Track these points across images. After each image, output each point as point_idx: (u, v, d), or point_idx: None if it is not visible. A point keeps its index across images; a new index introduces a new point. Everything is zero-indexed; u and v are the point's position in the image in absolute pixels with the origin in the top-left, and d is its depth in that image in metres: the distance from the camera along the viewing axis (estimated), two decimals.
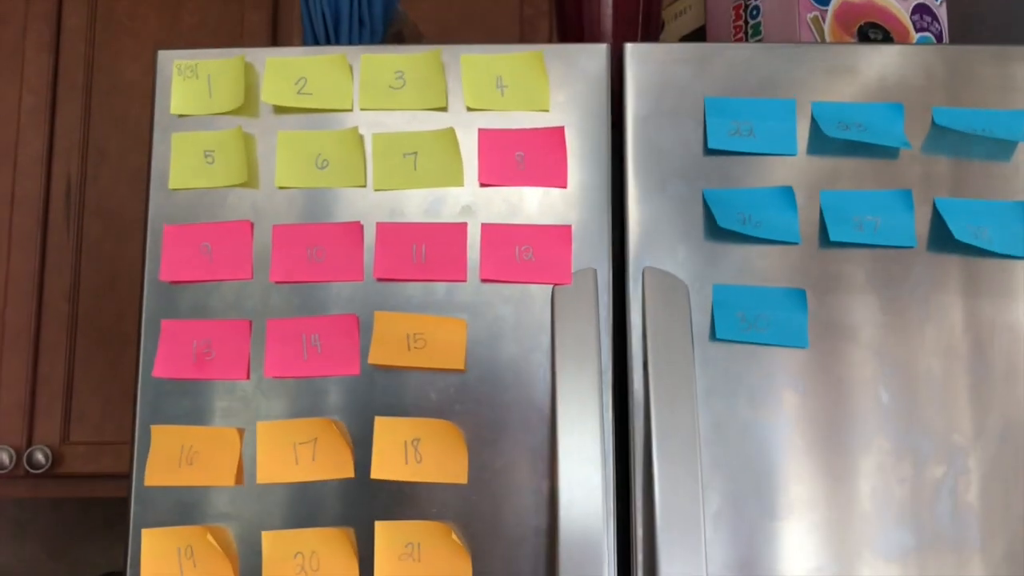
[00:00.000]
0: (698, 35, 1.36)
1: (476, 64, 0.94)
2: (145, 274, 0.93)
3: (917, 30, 1.23)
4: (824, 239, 0.92)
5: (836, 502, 0.89)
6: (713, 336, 0.91)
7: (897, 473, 0.89)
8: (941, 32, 1.25)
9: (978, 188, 0.94)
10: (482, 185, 0.93)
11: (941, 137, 0.94)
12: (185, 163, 0.94)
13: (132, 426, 0.91)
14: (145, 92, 1.63)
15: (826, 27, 1.17)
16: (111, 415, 1.57)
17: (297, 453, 0.89)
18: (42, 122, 1.62)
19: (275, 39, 1.68)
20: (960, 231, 0.91)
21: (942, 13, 1.26)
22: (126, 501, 0.91)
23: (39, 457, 1.50)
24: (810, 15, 1.16)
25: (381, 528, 0.88)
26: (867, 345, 0.91)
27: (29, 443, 1.52)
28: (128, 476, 0.91)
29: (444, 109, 0.94)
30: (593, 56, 0.95)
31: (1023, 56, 0.97)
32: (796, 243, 0.92)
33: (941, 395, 0.90)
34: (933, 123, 0.94)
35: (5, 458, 1.49)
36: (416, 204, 0.93)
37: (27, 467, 1.50)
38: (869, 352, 0.91)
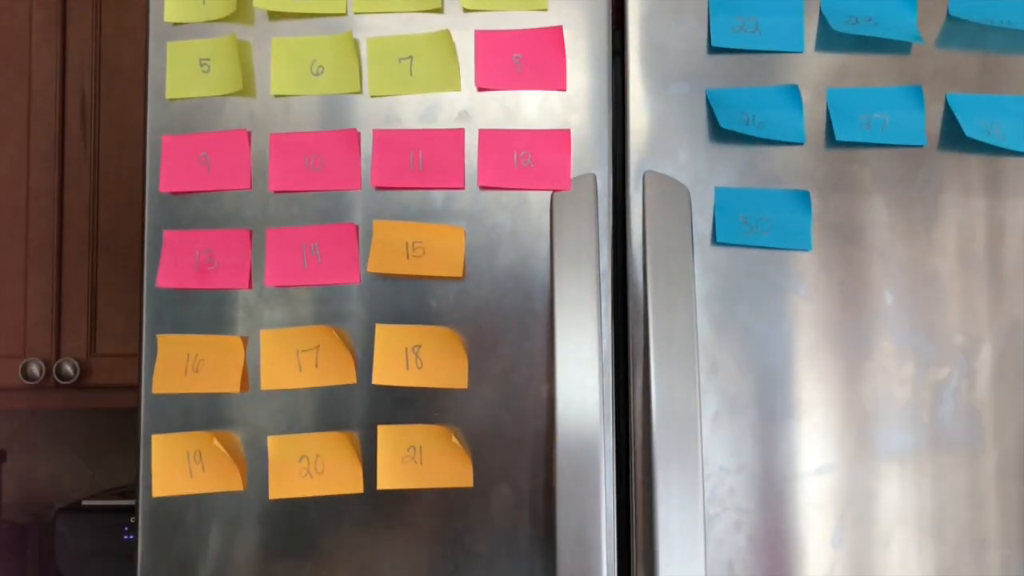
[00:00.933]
0: None
1: None
2: (146, 186, 0.94)
3: None
4: (830, 139, 0.90)
5: (836, 404, 0.89)
6: (714, 240, 0.90)
7: (899, 375, 0.89)
8: None
9: (994, 83, 0.90)
10: (479, 89, 0.91)
11: (955, 29, 0.90)
12: (181, 72, 0.93)
13: (139, 336, 0.93)
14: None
15: None
16: (134, 329, 1.60)
17: (300, 360, 0.90)
18: (54, 37, 1.61)
19: None
20: (971, 127, 0.88)
21: None
22: (136, 409, 0.93)
23: (67, 369, 1.54)
24: None
25: (383, 432, 0.89)
26: (872, 247, 0.90)
27: (57, 355, 1.56)
28: (137, 385, 0.94)
29: (440, 11, 0.92)
30: None
31: None
32: (801, 143, 0.90)
33: (947, 297, 0.89)
34: (948, 14, 0.90)
35: (36, 370, 1.54)
36: (412, 110, 0.92)
37: (56, 379, 1.54)
38: (874, 254, 0.90)
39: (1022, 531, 0.87)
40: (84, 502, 1.64)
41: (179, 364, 0.91)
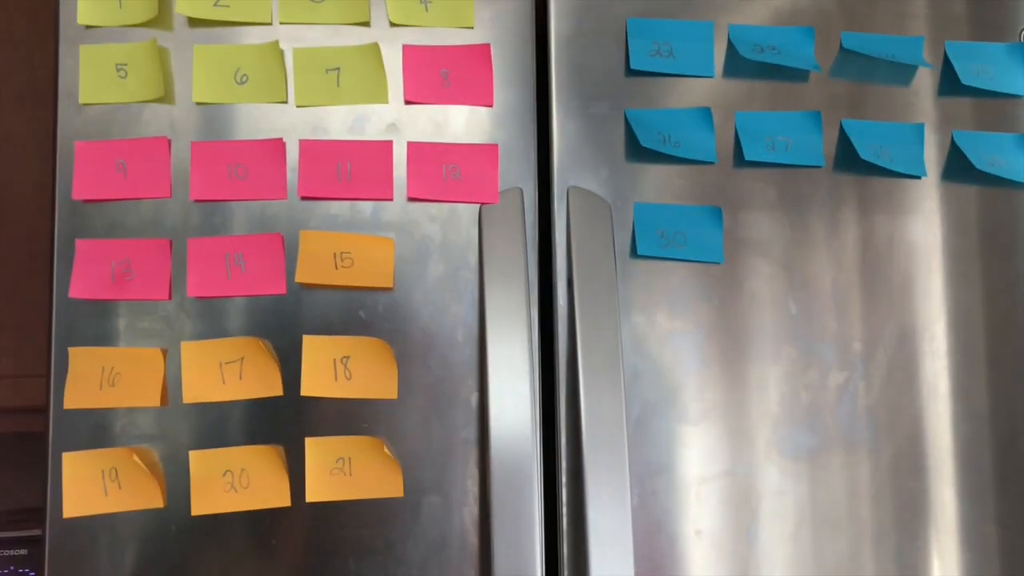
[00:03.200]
0: None
1: None
2: (56, 192, 0.90)
3: None
4: (739, 158, 0.96)
5: (746, 408, 0.94)
6: (634, 253, 0.94)
7: (803, 380, 0.95)
8: None
9: (881, 111, 0.99)
10: (407, 103, 0.93)
11: (848, 61, 0.98)
12: (96, 77, 0.90)
13: (48, 350, 0.89)
14: (32, 8, 1.54)
15: None
16: (4, 348, 1.51)
17: (223, 372, 0.88)
18: None
19: None
20: (865, 151, 0.96)
21: None
22: (42, 430, 0.89)
23: None
24: None
25: (311, 444, 0.88)
26: (777, 260, 0.96)
27: None
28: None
29: (367, 24, 0.93)
30: None
31: None
32: (713, 162, 0.96)
33: (843, 307, 0.96)
34: (841, 47, 0.98)
35: None
36: (340, 121, 0.92)
37: None
38: (779, 267, 0.96)
39: (914, 521, 0.94)
40: None
41: (93, 378, 0.87)
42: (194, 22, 0.91)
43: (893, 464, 0.95)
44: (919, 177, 0.98)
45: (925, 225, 0.98)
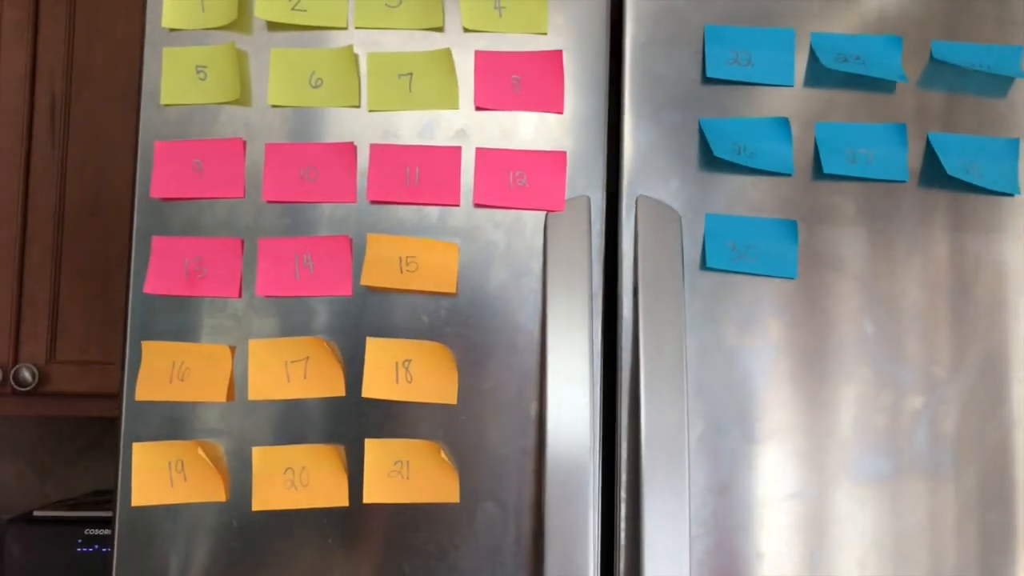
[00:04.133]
0: None
1: None
2: (136, 190, 0.93)
3: None
4: (817, 171, 0.93)
5: (816, 429, 0.91)
6: (704, 265, 0.92)
7: (877, 402, 0.91)
8: None
9: (972, 124, 0.94)
10: (477, 108, 0.92)
11: (938, 71, 0.94)
12: (177, 79, 0.93)
13: (123, 342, 0.92)
14: (131, 7, 1.60)
15: None
16: (96, 335, 1.58)
17: (289, 371, 0.90)
18: (25, 37, 1.58)
19: None
20: (952, 166, 0.91)
21: None
22: (116, 416, 0.92)
23: (26, 375, 1.50)
24: None
25: (371, 445, 0.89)
26: (854, 277, 0.92)
27: (15, 361, 1.52)
28: (119, 392, 0.92)
29: (440, 29, 0.93)
30: None
31: None
32: (790, 174, 0.93)
33: (924, 328, 0.92)
34: (931, 57, 0.94)
35: None
36: (410, 126, 0.93)
37: (14, 385, 1.50)
38: (856, 284, 0.92)
39: (991, 558, 0.89)
40: (35, 513, 1.59)
41: (164, 372, 0.90)
42: (272, 26, 0.93)
43: (974, 495, 0.90)
44: (1012, 194, 0.93)
45: (1016, 244, 0.93)
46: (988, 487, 0.90)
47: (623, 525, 0.89)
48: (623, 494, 0.89)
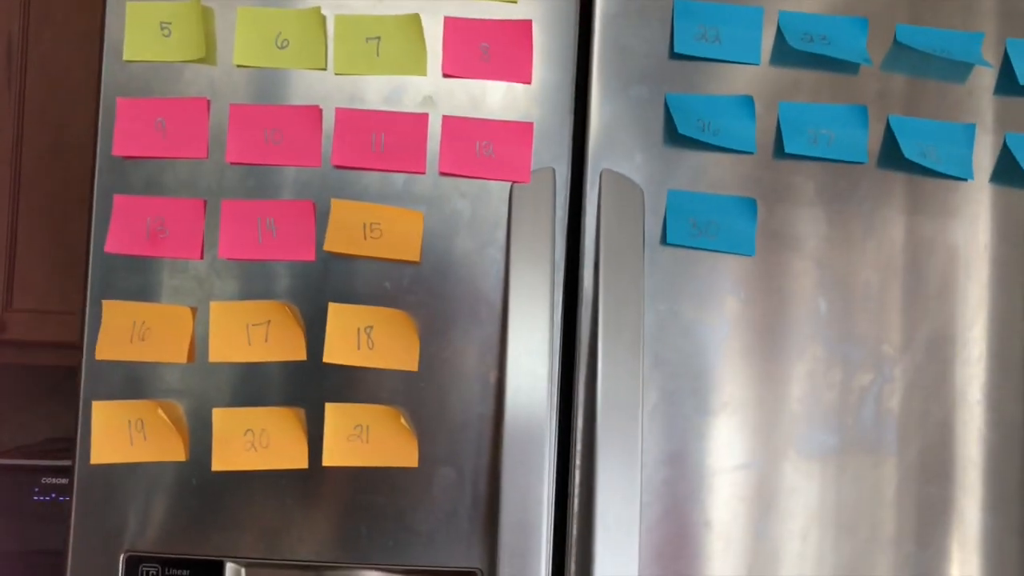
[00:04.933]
0: None
1: None
2: (97, 147, 0.92)
3: None
4: (779, 150, 0.94)
5: (767, 403, 0.93)
6: (664, 240, 0.93)
7: (827, 379, 0.94)
8: None
9: (931, 108, 0.96)
10: (445, 76, 0.92)
11: (901, 55, 0.95)
12: (140, 34, 0.91)
13: (83, 301, 0.91)
14: None
15: None
16: (54, 283, 1.56)
17: (250, 334, 0.90)
18: None
19: None
20: (910, 149, 0.93)
21: None
22: (76, 374, 0.92)
23: None
24: None
25: (331, 409, 0.90)
26: (810, 256, 0.94)
27: None
28: (79, 349, 0.92)
29: None
30: None
31: None
32: (752, 152, 0.94)
33: (876, 307, 0.94)
34: (895, 40, 0.95)
35: None
36: (376, 91, 0.92)
37: None
38: (812, 263, 0.94)
39: (928, 530, 0.93)
40: None
41: (124, 331, 0.90)
42: None
43: (915, 470, 0.94)
44: (966, 179, 0.95)
45: (969, 229, 0.95)
46: (928, 462, 0.94)
47: (576, 491, 0.91)
48: (578, 461, 0.91)
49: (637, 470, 0.88)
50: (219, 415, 0.90)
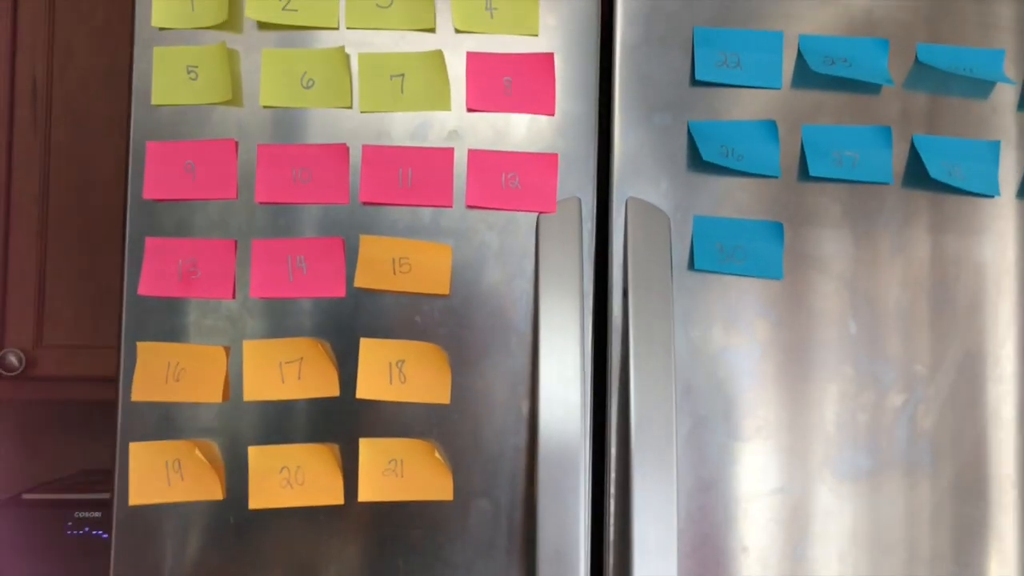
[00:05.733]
0: None
1: None
2: (128, 191, 0.93)
3: None
4: (803, 173, 0.94)
5: (800, 426, 0.93)
6: (692, 266, 0.93)
7: (859, 400, 0.94)
8: None
9: (955, 127, 0.96)
10: (469, 110, 0.93)
11: (922, 74, 0.95)
12: (168, 78, 0.92)
13: (118, 343, 0.92)
14: None
15: None
16: (84, 319, 1.58)
17: (283, 372, 0.91)
18: (4, 15, 1.56)
19: None
20: (935, 169, 0.93)
21: None
22: (109, 409, 0.93)
23: (12, 360, 1.51)
24: None
25: (365, 445, 0.91)
26: (838, 277, 0.94)
27: (1, 346, 1.53)
28: (111, 383, 0.93)
29: (432, 30, 0.93)
30: None
31: None
32: (777, 176, 0.94)
33: (906, 327, 0.94)
34: (916, 60, 0.95)
35: None
36: (402, 127, 0.93)
37: (1, 370, 1.50)
38: (840, 284, 0.94)
39: (968, 549, 0.93)
40: (24, 495, 1.60)
41: (160, 372, 0.91)
42: (263, 26, 0.93)
43: (951, 489, 0.93)
44: (992, 196, 0.95)
45: (996, 246, 0.95)
46: (964, 482, 0.94)
47: (612, 519, 0.91)
48: (612, 489, 0.91)
49: (673, 497, 0.88)
50: (254, 453, 0.90)
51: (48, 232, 1.57)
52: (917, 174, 0.95)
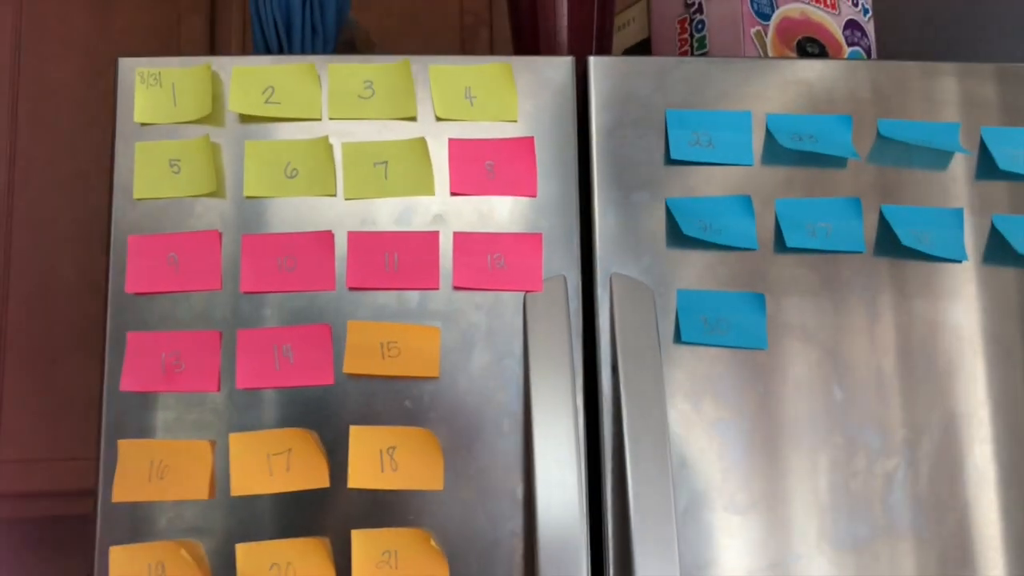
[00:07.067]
0: (642, 47, 1.41)
1: (445, 75, 0.95)
2: (110, 285, 0.91)
3: (849, 44, 1.30)
4: (780, 244, 0.97)
5: (796, 496, 0.93)
6: (678, 339, 0.94)
7: (851, 467, 0.94)
8: (870, 47, 1.32)
9: (919, 196, 1.00)
10: (453, 194, 0.94)
11: (885, 147, 1.00)
12: (150, 172, 0.92)
13: (97, 441, 0.89)
14: (75, 98, 1.59)
15: (768, 41, 1.22)
16: (41, 431, 1.52)
17: (271, 464, 0.89)
18: None
19: (213, 44, 1.66)
20: (906, 236, 0.96)
21: (870, 29, 1.33)
22: (91, 519, 0.89)
23: None
24: (753, 30, 1.21)
25: (358, 537, 0.88)
26: (821, 345, 0.96)
27: None
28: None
29: (414, 119, 0.95)
30: (559, 68, 0.98)
31: (949, 71, 1.03)
32: (754, 249, 0.96)
33: (889, 392, 0.96)
34: (878, 134, 0.99)
35: None
36: (387, 213, 0.94)
37: None
38: (823, 352, 0.96)
39: None
40: None
41: (142, 471, 0.88)
42: (245, 118, 0.94)
43: (942, 554, 0.93)
44: (960, 261, 0.98)
45: (966, 309, 0.98)
46: (955, 545, 0.94)
47: None
48: (612, 571, 0.89)
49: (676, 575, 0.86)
50: (243, 551, 0.87)
51: (7, 342, 1.53)
52: (887, 243, 0.98)
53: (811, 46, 1.26)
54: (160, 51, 1.62)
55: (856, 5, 1.33)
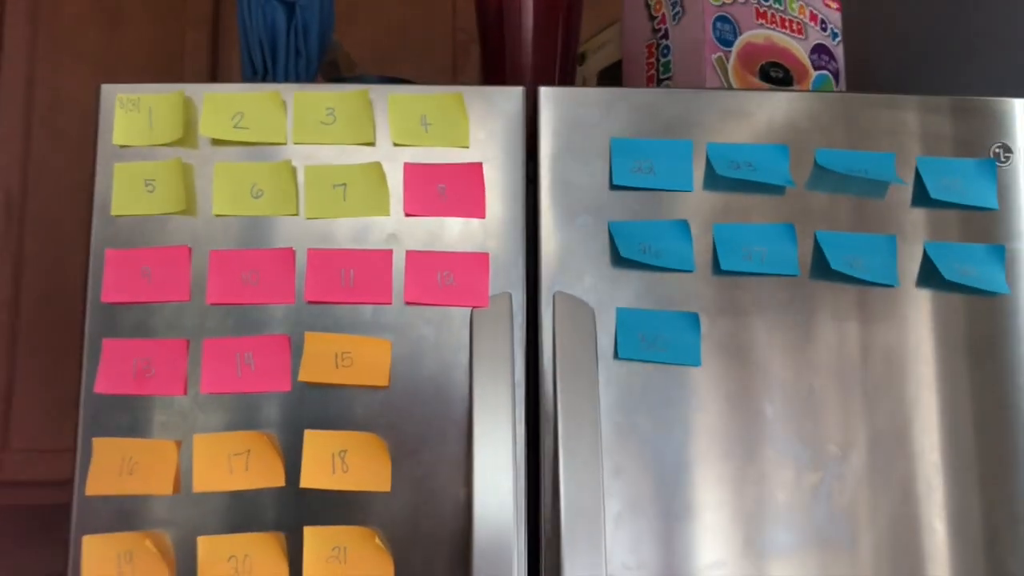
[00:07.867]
0: (617, 68, 1.46)
1: (402, 103, 1.02)
2: (88, 295, 0.99)
3: (815, 68, 1.34)
4: (716, 267, 1.02)
5: (726, 505, 0.98)
6: (616, 355, 1.00)
7: (779, 479, 0.99)
8: (838, 71, 1.36)
9: (854, 223, 1.04)
10: (407, 215, 1.01)
11: (822, 176, 1.04)
12: (127, 191, 1.00)
13: (75, 439, 0.97)
14: (84, 109, 1.68)
15: (730, 67, 1.27)
16: (48, 423, 1.62)
17: (231, 464, 0.96)
18: None
19: (215, 56, 1.74)
20: (837, 261, 1.01)
21: (839, 52, 1.37)
22: (68, 509, 0.97)
23: None
24: (715, 56, 1.26)
25: (309, 533, 0.95)
26: (753, 363, 1.01)
27: None
28: (70, 486, 0.97)
29: (372, 144, 1.02)
30: (510, 98, 1.04)
31: (883, 103, 1.08)
32: (691, 271, 1.02)
33: (819, 409, 1.01)
34: (815, 163, 1.04)
35: None
36: (345, 232, 1.01)
37: None
38: (755, 369, 1.01)
39: None
40: None
41: (114, 467, 0.96)
42: (216, 142, 1.01)
43: (870, 563, 0.98)
44: (892, 286, 1.03)
45: (899, 331, 1.03)
46: (882, 553, 0.98)
47: None
48: (544, 572, 0.96)
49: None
50: (203, 543, 0.95)
51: (18, 338, 1.62)
52: (822, 267, 1.03)
53: (775, 71, 1.30)
54: (165, 64, 1.71)
55: (824, 29, 1.37)
